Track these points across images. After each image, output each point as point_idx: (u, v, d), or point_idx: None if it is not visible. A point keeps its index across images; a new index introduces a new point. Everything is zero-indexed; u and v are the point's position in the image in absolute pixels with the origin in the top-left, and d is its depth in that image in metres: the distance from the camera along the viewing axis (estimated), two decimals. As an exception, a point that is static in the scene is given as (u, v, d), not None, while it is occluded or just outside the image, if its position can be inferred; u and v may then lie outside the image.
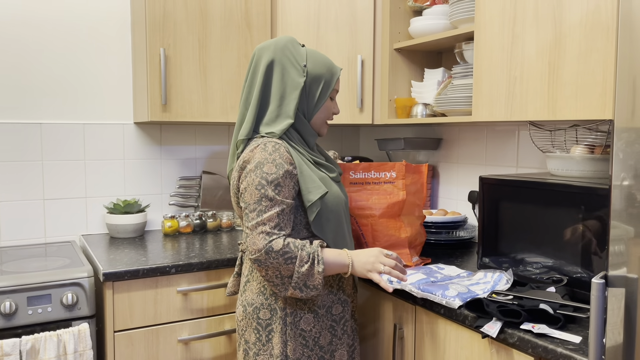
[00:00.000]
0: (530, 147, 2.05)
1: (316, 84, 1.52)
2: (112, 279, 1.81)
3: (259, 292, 1.49)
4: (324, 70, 1.52)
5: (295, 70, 1.49)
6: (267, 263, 1.36)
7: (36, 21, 2.26)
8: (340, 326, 1.55)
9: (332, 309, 1.53)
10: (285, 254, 1.36)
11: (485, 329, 1.32)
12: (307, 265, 1.36)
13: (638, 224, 0.99)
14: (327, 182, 1.50)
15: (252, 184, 1.40)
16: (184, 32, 2.17)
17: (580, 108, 1.47)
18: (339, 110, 1.62)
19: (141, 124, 2.48)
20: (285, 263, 1.36)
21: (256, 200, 1.38)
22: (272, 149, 1.41)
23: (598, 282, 1.03)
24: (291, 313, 1.47)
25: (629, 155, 1.00)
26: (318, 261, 1.38)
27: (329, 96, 1.55)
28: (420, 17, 2.17)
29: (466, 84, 1.94)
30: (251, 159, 1.42)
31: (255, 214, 1.38)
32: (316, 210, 1.43)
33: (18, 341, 1.67)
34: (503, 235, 1.65)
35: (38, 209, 2.30)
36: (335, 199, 1.49)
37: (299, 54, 1.51)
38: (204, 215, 2.50)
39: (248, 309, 1.50)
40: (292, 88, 1.49)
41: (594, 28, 1.43)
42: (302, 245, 1.39)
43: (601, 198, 1.38)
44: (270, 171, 1.39)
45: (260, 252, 1.35)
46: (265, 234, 1.36)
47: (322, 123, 1.58)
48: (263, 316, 1.48)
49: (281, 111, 1.49)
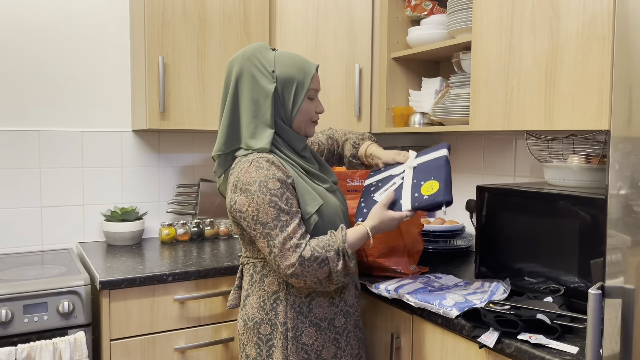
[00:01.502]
0: (528, 157, 2.06)
1: (288, 87, 1.47)
2: (109, 287, 1.80)
3: (259, 307, 1.47)
4: (294, 71, 1.47)
5: (264, 77, 1.45)
6: (304, 274, 1.35)
7: (35, 29, 2.27)
8: (344, 338, 1.52)
9: (334, 321, 1.50)
10: (316, 259, 1.35)
11: (482, 339, 1.32)
12: (341, 263, 1.38)
13: (635, 234, 0.99)
14: (321, 193, 1.48)
15: (263, 203, 1.36)
16: (183, 41, 2.17)
17: (576, 118, 1.48)
18: (322, 109, 1.56)
19: (139, 131, 2.48)
20: (320, 267, 1.36)
21: (274, 217, 1.36)
22: (267, 165, 1.39)
23: (595, 293, 1.03)
24: (292, 327, 1.44)
25: (625, 166, 1.00)
26: (348, 255, 1.39)
27: (307, 97, 1.50)
28: (418, 27, 2.19)
29: (463, 94, 1.94)
30: (249, 180, 1.38)
31: (279, 231, 1.35)
32: (314, 223, 1.42)
33: (14, 350, 1.66)
34: (500, 244, 1.65)
35: (35, 217, 2.30)
36: (331, 209, 1.48)
37: (266, 60, 1.47)
38: (201, 223, 2.50)
39: (249, 324, 1.49)
40: (264, 96, 1.45)
41: (590, 38, 1.44)
42: (328, 245, 1.38)
43: (598, 208, 1.38)
44: (275, 187, 1.37)
45: (295, 266, 1.34)
46: (295, 246, 1.35)
47: (305, 125, 1.52)
48: (263, 331, 1.46)
49: (258, 122, 1.45)
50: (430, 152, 1.65)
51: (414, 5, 2.26)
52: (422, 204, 1.48)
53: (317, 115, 1.55)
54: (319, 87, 1.54)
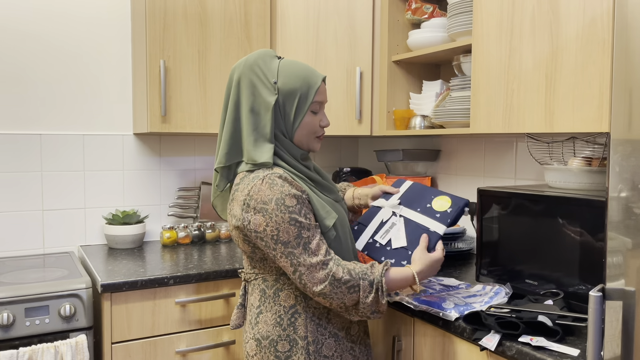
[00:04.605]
0: (528, 159, 2.06)
1: (290, 100, 1.39)
2: (110, 290, 1.80)
3: (275, 324, 1.39)
4: (298, 83, 1.39)
5: (265, 88, 1.38)
6: (331, 295, 1.30)
7: (36, 33, 2.28)
8: (358, 346, 1.47)
9: (350, 329, 1.45)
10: (347, 282, 1.30)
11: (483, 341, 1.32)
12: (372, 296, 1.31)
13: (635, 236, 0.99)
14: (332, 205, 1.44)
15: (283, 222, 1.30)
16: (184, 44, 2.18)
17: (577, 120, 1.48)
18: (327, 123, 1.47)
19: (141, 135, 2.48)
20: (349, 292, 1.30)
21: (295, 235, 1.30)
22: (280, 181, 1.32)
23: (595, 295, 1.03)
24: (313, 341, 1.38)
25: (625, 168, 1.00)
26: (382, 292, 1.32)
27: (309, 110, 1.42)
28: (419, 30, 2.19)
29: (464, 96, 1.95)
30: (265, 199, 1.31)
31: (302, 249, 1.30)
32: (332, 237, 1.38)
33: (15, 353, 1.66)
34: (501, 247, 1.65)
35: (37, 220, 2.30)
36: (342, 221, 1.44)
37: (269, 70, 1.39)
38: (202, 226, 2.50)
39: (263, 342, 1.40)
40: (264, 109, 1.38)
41: (590, 41, 1.45)
42: (364, 274, 1.32)
43: (598, 210, 1.38)
44: (292, 203, 1.31)
45: (325, 285, 1.29)
46: (322, 263, 1.30)
47: (308, 140, 1.45)
48: (282, 349, 1.38)
49: (258, 135, 1.39)
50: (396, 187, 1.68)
51: (414, 8, 2.27)
52: (452, 216, 1.50)
53: (322, 129, 1.47)
54: (325, 100, 1.46)
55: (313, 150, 1.48)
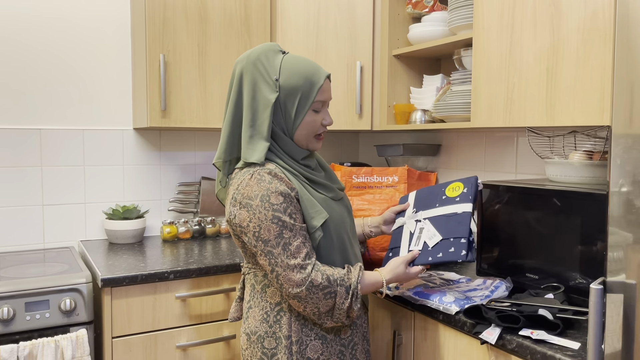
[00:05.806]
0: (529, 153, 2.05)
1: (291, 98, 1.36)
2: (111, 285, 1.80)
3: (262, 320, 1.39)
4: (300, 81, 1.35)
5: (266, 85, 1.35)
6: (307, 299, 1.29)
7: (36, 27, 2.27)
8: (349, 350, 1.43)
9: (340, 332, 1.42)
10: (324, 289, 1.29)
11: (484, 335, 1.32)
12: (347, 302, 1.31)
13: (636, 230, 0.99)
14: (327, 204, 1.40)
15: (265, 219, 1.28)
16: (184, 39, 2.17)
17: (578, 114, 1.48)
18: (330, 121, 1.43)
19: (140, 129, 2.48)
20: (325, 298, 1.29)
21: (276, 234, 1.28)
22: (269, 177, 1.31)
23: (596, 288, 1.03)
24: (297, 341, 1.36)
25: (627, 161, 1.00)
26: (357, 297, 1.32)
27: (311, 109, 1.38)
28: (419, 24, 2.18)
29: (465, 90, 1.94)
30: (251, 194, 1.30)
31: (281, 249, 1.28)
32: (319, 237, 1.35)
33: (16, 347, 1.66)
34: (502, 241, 1.65)
35: (37, 215, 2.30)
36: (337, 221, 1.41)
37: (272, 66, 1.36)
38: (203, 221, 2.50)
39: (252, 337, 1.40)
40: (263, 106, 1.35)
41: (591, 34, 1.44)
42: (341, 280, 1.31)
43: (599, 204, 1.38)
44: (278, 201, 1.29)
45: (301, 289, 1.28)
46: (300, 267, 1.28)
47: (308, 139, 1.41)
48: (268, 345, 1.37)
49: (254, 132, 1.36)
50: (404, 202, 1.65)
51: (415, 2, 2.26)
52: (472, 193, 1.51)
53: (324, 127, 1.44)
54: (329, 98, 1.42)
55: (313, 150, 1.44)
